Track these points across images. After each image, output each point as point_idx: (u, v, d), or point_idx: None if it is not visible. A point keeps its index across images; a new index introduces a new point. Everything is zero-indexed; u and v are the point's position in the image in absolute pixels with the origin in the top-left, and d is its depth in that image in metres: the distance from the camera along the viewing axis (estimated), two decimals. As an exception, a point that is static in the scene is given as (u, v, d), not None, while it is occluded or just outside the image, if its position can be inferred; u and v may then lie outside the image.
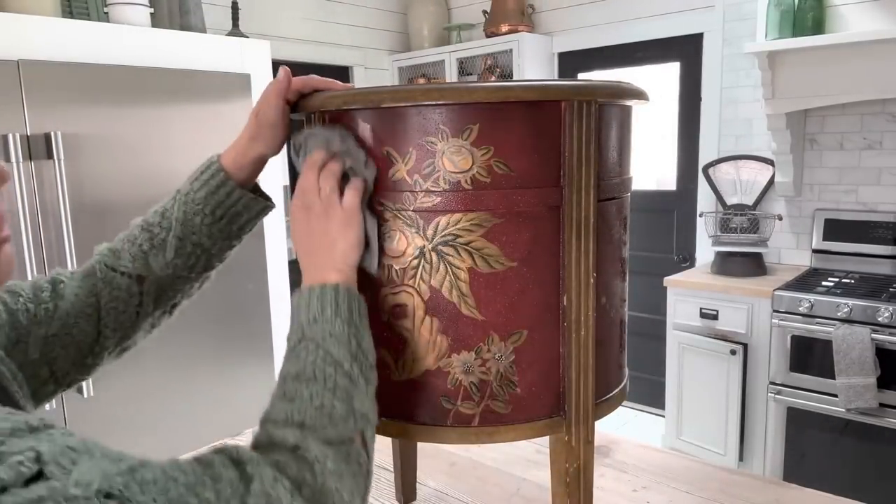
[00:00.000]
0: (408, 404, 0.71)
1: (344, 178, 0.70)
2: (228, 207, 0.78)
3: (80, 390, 1.91)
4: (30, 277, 1.77)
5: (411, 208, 0.66)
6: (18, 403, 0.66)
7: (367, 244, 0.70)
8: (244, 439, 1.35)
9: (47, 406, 1.69)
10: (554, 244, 0.69)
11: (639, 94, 0.74)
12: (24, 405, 0.68)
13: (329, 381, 0.61)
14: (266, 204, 0.82)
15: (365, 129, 0.68)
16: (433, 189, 0.66)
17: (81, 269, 0.79)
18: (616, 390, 0.79)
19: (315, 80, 0.75)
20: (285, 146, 0.80)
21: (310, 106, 0.72)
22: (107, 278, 0.78)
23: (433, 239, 0.66)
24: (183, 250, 0.78)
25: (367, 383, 0.64)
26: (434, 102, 0.64)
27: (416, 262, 0.67)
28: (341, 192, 0.69)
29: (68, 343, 0.75)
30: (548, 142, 0.67)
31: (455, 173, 0.65)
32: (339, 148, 0.69)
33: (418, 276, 0.67)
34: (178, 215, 0.77)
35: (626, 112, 0.76)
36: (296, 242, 0.71)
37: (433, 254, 0.67)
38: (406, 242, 0.67)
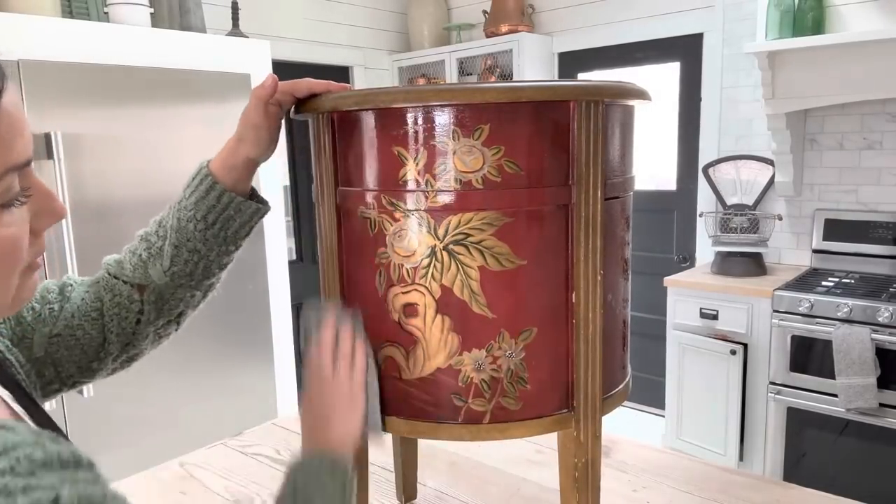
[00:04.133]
0: (419, 402, 0.71)
1: None
2: (220, 212, 0.78)
3: (80, 391, 1.91)
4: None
5: (423, 208, 0.67)
6: (27, 392, 0.66)
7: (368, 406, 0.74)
8: (244, 440, 1.35)
9: (47, 405, 1.69)
10: (562, 242, 0.69)
11: (642, 94, 0.75)
12: (31, 394, 0.69)
13: None
14: (258, 207, 0.81)
15: (376, 129, 0.69)
16: (444, 189, 0.66)
17: (90, 277, 0.82)
18: (619, 387, 0.79)
19: (310, 82, 0.74)
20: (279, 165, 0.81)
21: (321, 107, 0.72)
22: (109, 285, 0.80)
23: (444, 238, 0.67)
24: (179, 258, 0.79)
25: None
26: (446, 103, 0.65)
27: (427, 261, 0.67)
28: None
29: (72, 345, 0.76)
30: (557, 141, 0.68)
31: (466, 173, 0.66)
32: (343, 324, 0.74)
33: (429, 275, 0.68)
34: (172, 223, 0.79)
35: (629, 112, 0.77)
36: (310, 408, 0.74)
37: (444, 253, 0.67)
38: (417, 242, 0.68)
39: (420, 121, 0.66)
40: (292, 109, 0.77)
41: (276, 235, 2.48)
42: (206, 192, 0.78)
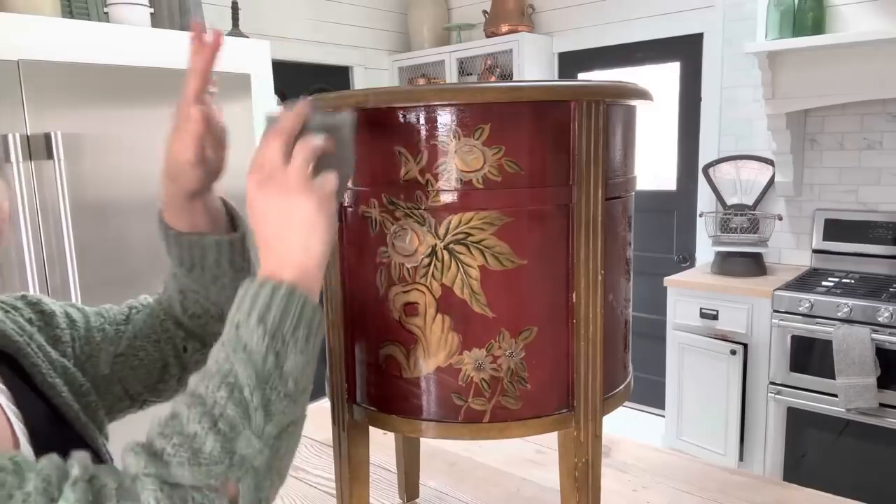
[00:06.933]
0: (419, 401, 0.71)
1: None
2: (189, 254, 0.74)
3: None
4: (29, 277, 1.77)
5: (423, 207, 0.67)
6: (65, 417, 0.69)
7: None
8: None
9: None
10: (563, 242, 0.69)
11: (643, 94, 0.75)
12: (77, 416, 0.70)
13: (216, 408, 0.51)
14: (217, 240, 0.74)
15: (377, 129, 0.69)
16: (445, 188, 0.66)
17: (153, 299, 0.84)
18: (620, 388, 0.79)
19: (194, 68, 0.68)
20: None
21: (322, 106, 0.72)
22: (155, 312, 0.81)
23: (445, 237, 0.67)
24: (187, 301, 0.79)
25: (268, 418, 0.52)
26: (447, 103, 0.65)
27: (427, 260, 0.68)
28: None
29: (136, 365, 0.78)
30: (557, 141, 0.68)
31: (467, 172, 0.66)
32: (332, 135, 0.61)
33: (430, 274, 0.68)
34: (168, 271, 0.79)
35: (631, 112, 0.77)
36: (254, 226, 0.60)
37: (445, 252, 0.67)
38: (418, 241, 0.68)
39: (421, 121, 0.66)
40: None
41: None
42: (167, 239, 0.74)
